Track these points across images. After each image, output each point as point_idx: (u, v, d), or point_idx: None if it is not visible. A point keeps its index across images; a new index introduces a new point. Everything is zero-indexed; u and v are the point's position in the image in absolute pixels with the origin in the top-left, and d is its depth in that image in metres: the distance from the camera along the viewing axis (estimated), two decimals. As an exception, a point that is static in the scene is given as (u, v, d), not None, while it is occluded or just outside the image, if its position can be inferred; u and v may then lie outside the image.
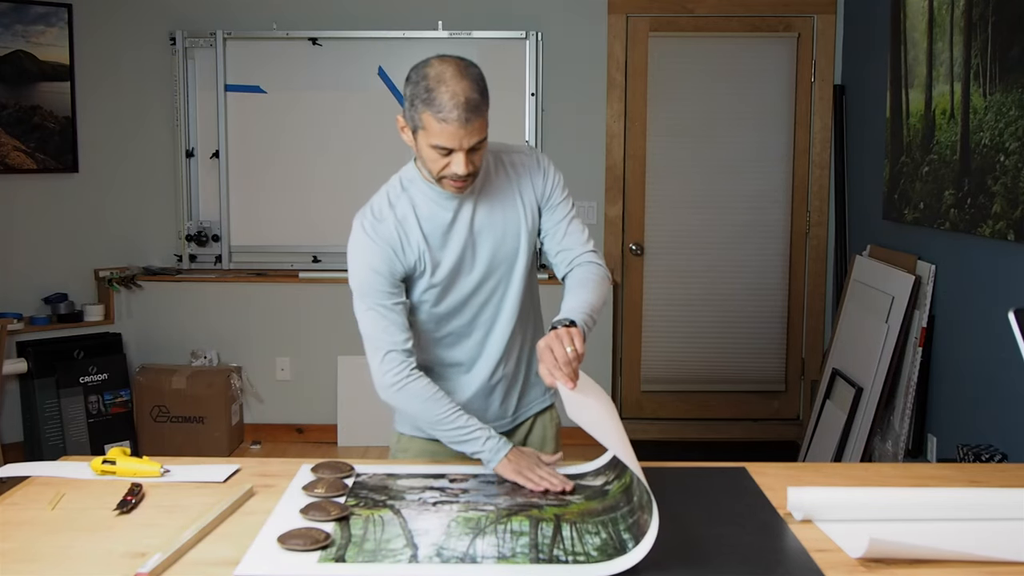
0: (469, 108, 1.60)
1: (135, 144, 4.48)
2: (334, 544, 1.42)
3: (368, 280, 1.74)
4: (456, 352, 1.86)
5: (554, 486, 1.64)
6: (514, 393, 1.93)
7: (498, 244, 1.80)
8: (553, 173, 1.86)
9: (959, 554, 1.37)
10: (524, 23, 4.38)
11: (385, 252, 1.74)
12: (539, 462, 1.71)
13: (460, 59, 1.67)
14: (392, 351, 1.74)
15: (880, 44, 3.86)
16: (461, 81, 1.61)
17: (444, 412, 1.73)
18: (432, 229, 1.76)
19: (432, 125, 1.61)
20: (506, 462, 1.69)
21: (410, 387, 1.74)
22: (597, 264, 1.86)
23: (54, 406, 4.15)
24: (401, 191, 1.79)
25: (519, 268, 1.83)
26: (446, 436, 1.75)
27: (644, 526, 1.38)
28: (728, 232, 4.53)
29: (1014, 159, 2.73)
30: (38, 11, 4.18)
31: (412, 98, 1.64)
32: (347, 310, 5.00)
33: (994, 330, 2.92)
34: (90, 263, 4.43)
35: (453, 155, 1.64)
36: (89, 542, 1.43)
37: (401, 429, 1.97)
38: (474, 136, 1.63)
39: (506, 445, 1.71)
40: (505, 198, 1.81)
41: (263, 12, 4.40)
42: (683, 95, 4.48)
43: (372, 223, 1.76)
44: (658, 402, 4.58)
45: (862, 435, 3.46)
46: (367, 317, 1.76)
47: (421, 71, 1.64)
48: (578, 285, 1.80)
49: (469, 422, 1.73)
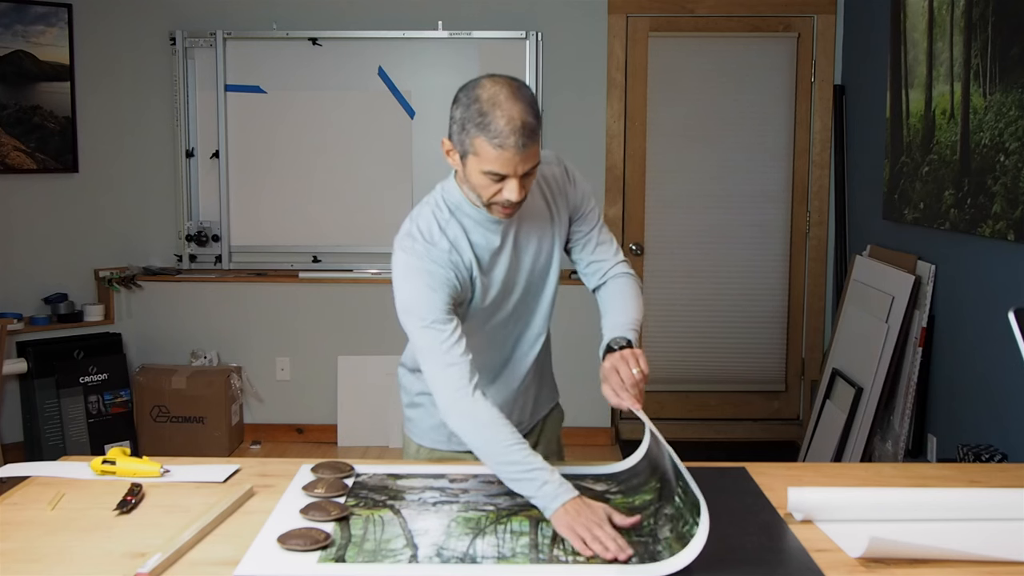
0: (526, 133, 1.53)
1: (135, 144, 4.48)
2: (334, 544, 1.42)
3: (425, 298, 1.63)
4: (489, 364, 1.83)
5: (606, 553, 1.39)
6: (531, 397, 1.93)
7: (534, 260, 1.79)
8: (581, 182, 1.85)
9: (959, 554, 1.37)
10: (524, 23, 4.38)
11: (443, 272, 1.65)
12: (603, 521, 1.46)
13: (512, 79, 1.59)
14: (452, 365, 1.60)
15: (880, 44, 3.86)
16: (516, 104, 1.53)
17: (502, 441, 1.55)
18: (483, 254, 1.71)
19: (486, 151, 1.54)
20: (562, 512, 1.47)
21: (469, 407, 1.58)
22: (630, 274, 1.86)
23: (54, 406, 4.15)
24: (449, 215, 1.70)
25: (551, 281, 1.82)
26: (498, 468, 1.57)
27: (682, 538, 1.38)
28: (728, 232, 4.53)
29: (1014, 159, 2.73)
30: (38, 11, 4.18)
31: (463, 121, 1.55)
32: (347, 310, 4.99)
33: (994, 330, 2.92)
34: (90, 263, 4.44)
35: (506, 181, 1.57)
36: (89, 542, 1.43)
37: (420, 440, 1.93)
38: (529, 162, 1.56)
39: (567, 492, 1.49)
40: (540, 214, 1.78)
41: (263, 12, 4.40)
42: (683, 95, 4.48)
43: (425, 246, 1.66)
44: (658, 402, 4.58)
45: (862, 435, 3.46)
46: (425, 333, 1.62)
47: (472, 93, 1.56)
48: (619, 299, 1.79)
49: (528, 458, 1.53)
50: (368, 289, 4.49)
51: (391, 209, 4.46)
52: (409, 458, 1.95)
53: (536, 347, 1.86)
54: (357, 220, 4.47)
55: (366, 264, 4.49)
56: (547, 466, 1.53)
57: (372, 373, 4.52)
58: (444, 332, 1.61)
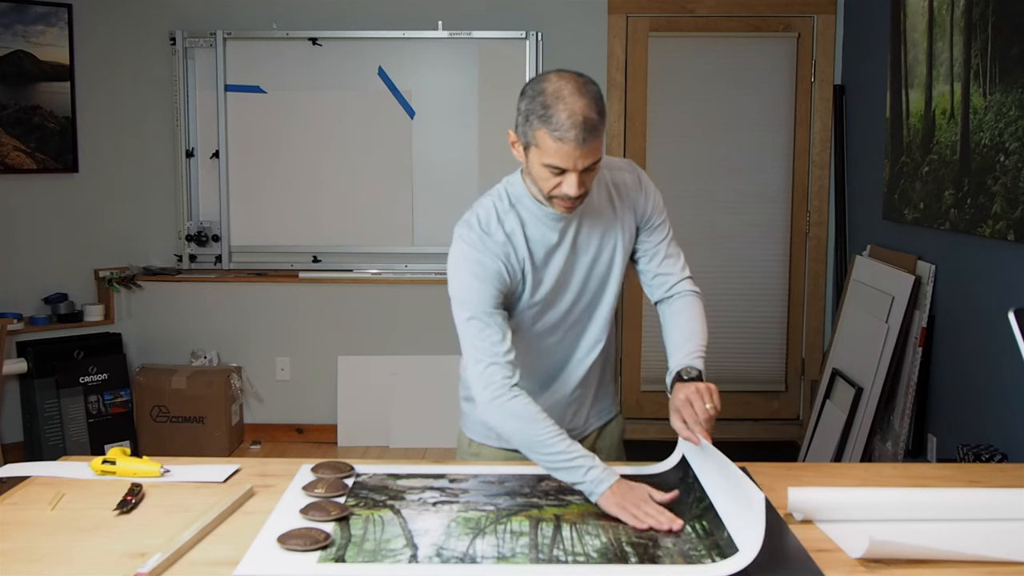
0: (587, 128, 1.54)
1: (135, 144, 4.48)
2: (334, 544, 1.42)
3: (473, 288, 1.67)
4: (540, 368, 1.83)
5: (660, 525, 1.49)
6: (586, 405, 1.92)
7: (592, 263, 1.78)
8: (653, 192, 1.84)
9: (959, 554, 1.37)
10: (524, 23, 4.38)
11: (493, 264, 1.68)
12: (647, 498, 1.56)
13: (579, 75, 1.60)
14: (493, 364, 1.64)
15: (880, 44, 3.86)
16: (580, 99, 1.55)
17: (543, 434, 1.60)
18: (538, 249, 1.72)
19: (547, 143, 1.56)
20: (609, 494, 1.55)
21: (508, 404, 1.63)
22: (696, 292, 1.88)
23: (54, 406, 4.15)
24: (509, 207, 1.73)
25: (611, 288, 1.82)
26: (543, 460, 1.62)
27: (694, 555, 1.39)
28: (728, 232, 4.52)
29: (1014, 159, 2.73)
30: (38, 11, 4.18)
31: (527, 113, 1.58)
32: (347, 310, 5.00)
33: (994, 330, 2.92)
34: (90, 263, 4.44)
35: (566, 175, 1.58)
36: (89, 542, 1.43)
37: (471, 435, 1.94)
38: (589, 157, 1.57)
39: (611, 476, 1.57)
40: (606, 219, 1.78)
41: (263, 12, 4.40)
42: (683, 95, 4.48)
43: (480, 235, 1.70)
44: (658, 402, 4.58)
45: (862, 435, 3.46)
46: (469, 326, 1.67)
47: (538, 86, 1.59)
48: (686, 321, 1.82)
49: (571, 447, 1.60)
50: (368, 289, 4.49)
51: (391, 209, 4.46)
52: (461, 451, 1.96)
53: (592, 355, 1.85)
54: (357, 220, 4.47)
55: (366, 264, 4.49)
56: (589, 453, 1.60)
57: (372, 373, 4.52)
58: (488, 327, 1.66)
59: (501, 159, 4.37)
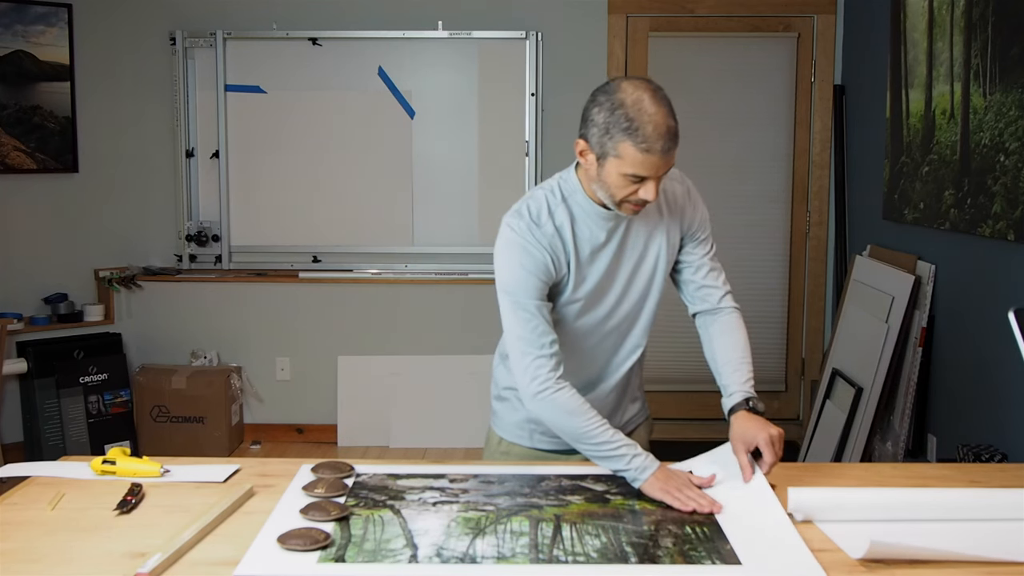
0: (671, 137, 1.59)
1: (135, 144, 4.48)
2: (334, 544, 1.42)
3: (519, 278, 1.71)
4: (579, 370, 1.83)
5: (702, 507, 1.56)
6: (620, 408, 1.94)
7: (636, 267, 1.81)
8: (701, 206, 1.87)
9: (959, 554, 1.37)
10: (524, 23, 4.37)
11: (540, 255, 1.71)
12: (688, 483, 1.63)
13: (648, 81, 1.62)
14: (540, 356, 1.69)
15: (880, 44, 3.86)
16: (660, 108, 1.58)
17: (589, 426, 1.67)
18: (584, 246, 1.75)
19: (632, 155, 1.58)
20: (653, 480, 1.63)
21: (554, 397, 1.69)
22: (737, 310, 1.92)
23: (54, 406, 4.15)
24: (560, 201, 1.75)
25: (652, 294, 1.85)
26: (589, 451, 1.70)
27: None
28: (728, 232, 4.51)
29: (1014, 159, 2.73)
30: (38, 11, 4.18)
31: (607, 126, 1.59)
32: (347, 310, 5.00)
33: (994, 330, 2.92)
34: (90, 263, 4.44)
35: (645, 182, 1.62)
36: (89, 542, 1.43)
37: (503, 433, 1.96)
38: (670, 164, 1.63)
39: (653, 463, 1.66)
40: (654, 226, 1.81)
41: (263, 12, 4.40)
42: (683, 95, 4.44)
43: (529, 226, 1.72)
44: (658, 402, 4.58)
45: (862, 435, 3.46)
46: (514, 316, 1.71)
47: (615, 97, 1.60)
48: (738, 344, 1.90)
49: (615, 437, 1.67)
50: (368, 289, 4.49)
51: (391, 209, 4.46)
52: (491, 450, 1.98)
53: (630, 360, 1.88)
54: (357, 220, 4.47)
55: (366, 264, 4.49)
56: (631, 442, 1.68)
57: (372, 373, 4.52)
58: (535, 318, 1.70)
59: (501, 159, 4.37)
